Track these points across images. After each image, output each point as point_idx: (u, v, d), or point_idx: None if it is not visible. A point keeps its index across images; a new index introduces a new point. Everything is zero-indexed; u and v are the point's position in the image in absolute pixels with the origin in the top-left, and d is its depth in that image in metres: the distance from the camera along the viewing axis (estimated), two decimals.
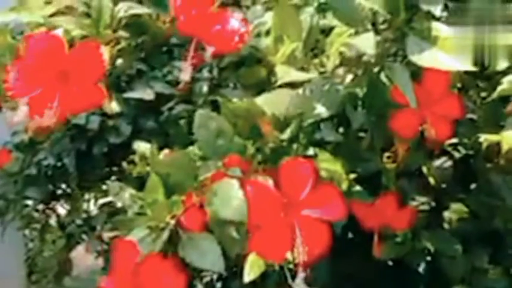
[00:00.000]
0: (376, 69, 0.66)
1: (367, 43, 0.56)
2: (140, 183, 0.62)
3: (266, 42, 0.60)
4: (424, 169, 0.84)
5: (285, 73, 0.54)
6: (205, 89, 0.83)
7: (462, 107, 0.67)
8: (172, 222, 0.52)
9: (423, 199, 0.84)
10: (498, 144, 0.67)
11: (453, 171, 0.83)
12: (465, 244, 0.79)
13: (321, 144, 0.60)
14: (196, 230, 0.54)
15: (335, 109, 0.58)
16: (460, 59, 0.59)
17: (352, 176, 0.60)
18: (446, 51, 0.60)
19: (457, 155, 0.84)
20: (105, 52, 0.55)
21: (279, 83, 0.54)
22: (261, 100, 0.60)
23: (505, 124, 0.65)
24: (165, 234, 0.51)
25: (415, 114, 0.65)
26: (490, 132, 0.68)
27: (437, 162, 0.84)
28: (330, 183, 0.55)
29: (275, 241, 0.52)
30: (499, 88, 0.61)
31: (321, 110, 0.57)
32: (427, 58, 0.61)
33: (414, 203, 0.83)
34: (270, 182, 0.53)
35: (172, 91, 0.86)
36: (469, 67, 0.59)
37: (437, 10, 0.64)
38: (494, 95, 0.61)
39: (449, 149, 0.86)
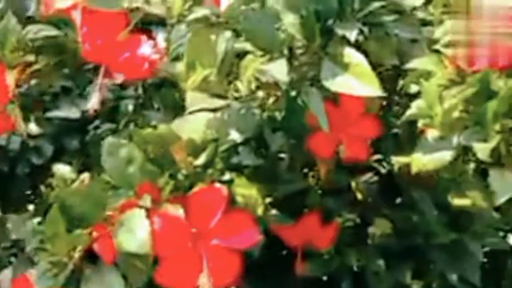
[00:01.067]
0: (293, 93, 0.68)
1: (280, 69, 0.57)
2: None
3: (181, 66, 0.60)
4: (353, 184, 0.86)
5: (194, 100, 0.54)
6: (130, 108, 0.83)
7: (378, 128, 0.68)
8: (76, 256, 0.51)
9: (350, 215, 0.87)
10: None
11: (379, 186, 0.85)
12: (389, 260, 0.81)
13: (238, 169, 0.61)
14: (108, 263, 0.53)
15: (251, 133, 0.58)
16: (370, 85, 0.61)
17: (268, 200, 0.60)
18: (358, 77, 0.62)
19: (382, 170, 0.86)
20: (11, 75, 0.53)
21: (188, 111, 0.54)
22: (177, 124, 0.60)
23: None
24: (68, 269, 0.50)
25: (331, 135, 0.67)
26: (408, 148, 0.70)
27: (364, 178, 0.87)
28: (242, 210, 0.56)
29: (182, 272, 0.52)
30: (408, 112, 0.62)
31: (236, 135, 0.57)
32: (340, 83, 0.62)
33: (341, 220, 0.85)
34: (180, 212, 0.53)
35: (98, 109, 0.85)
36: (379, 93, 0.61)
37: (353, 35, 0.66)
38: (404, 118, 0.63)
39: (375, 164, 0.88)
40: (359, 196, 0.86)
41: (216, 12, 0.63)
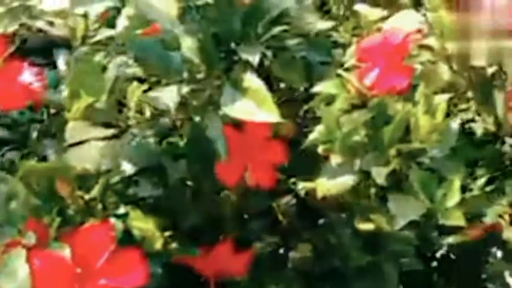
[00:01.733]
0: (197, 118, 0.66)
1: (169, 96, 0.55)
2: None
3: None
4: (275, 206, 0.85)
5: (75, 130, 0.52)
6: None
7: (285, 153, 0.67)
8: None
9: (270, 239, 0.86)
10: None
11: (298, 209, 0.85)
12: (309, 283, 0.81)
13: (135, 201, 0.59)
14: None
15: (146, 162, 0.57)
16: (269, 111, 0.60)
17: (168, 232, 0.58)
18: (257, 103, 0.61)
19: (300, 193, 0.85)
20: None
21: (69, 142, 0.52)
22: (70, 155, 0.58)
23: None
24: None
25: (236, 161, 0.66)
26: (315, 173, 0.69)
27: (283, 200, 0.86)
28: (134, 247, 0.54)
29: None
30: (310, 137, 0.62)
31: (128, 166, 0.55)
32: (239, 109, 0.60)
33: (261, 244, 0.84)
34: (66, 251, 0.50)
35: (6, 134, 0.82)
36: (277, 119, 0.60)
37: (255, 59, 0.65)
38: (307, 142, 0.63)
39: (293, 187, 0.87)
40: (280, 219, 0.86)
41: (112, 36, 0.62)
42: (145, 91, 0.57)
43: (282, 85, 0.73)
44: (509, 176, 0.71)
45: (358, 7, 0.85)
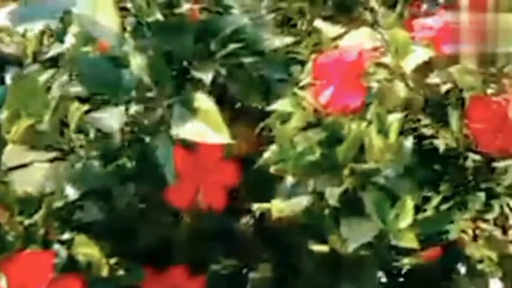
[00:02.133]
0: (147, 139, 0.64)
1: (114, 117, 0.53)
2: None
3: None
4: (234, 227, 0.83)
5: (11, 154, 0.50)
6: None
7: (238, 174, 0.65)
8: None
9: (229, 261, 0.84)
10: None
11: (257, 229, 0.83)
12: None
13: (81, 226, 0.57)
14: None
15: (90, 186, 0.54)
16: (219, 131, 0.59)
17: (115, 258, 0.56)
18: (207, 123, 0.59)
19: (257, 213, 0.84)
20: None
21: (8, 165, 0.50)
22: (11, 178, 0.55)
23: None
24: None
25: (187, 183, 0.64)
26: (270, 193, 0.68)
27: (243, 221, 0.84)
28: (75, 275, 0.51)
29: None
30: (264, 156, 0.61)
31: (71, 190, 0.53)
32: (189, 130, 0.59)
33: (219, 265, 0.82)
34: (1, 280, 0.48)
35: None
36: (228, 140, 0.59)
37: (208, 77, 0.64)
38: (260, 161, 0.61)
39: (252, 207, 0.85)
40: (239, 240, 0.84)
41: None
42: (89, 111, 0.55)
43: (239, 103, 0.73)
44: (471, 191, 0.70)
45: (318, 23, 0.85)
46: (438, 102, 0.62)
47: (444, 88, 0.60)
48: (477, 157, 0.69)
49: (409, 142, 0.56)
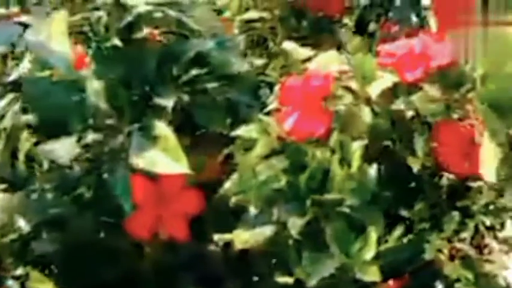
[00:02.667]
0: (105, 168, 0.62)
1: (65, 148, 0.51)
2: None
3: None
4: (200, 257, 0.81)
5: None
6: None
7: (200, 203, 0.64)
8: None
9: None
10: None
11: (225, 259, 0.81)
12: None
13: (36, 260, 0.54)
14: None
15: (44, 218, 0.52)
16: (177, 161, 0.57)
17: None
18: (165, 152, 0.57)
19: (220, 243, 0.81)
20: None
21: None
22: None
23: None
24: None
25: (148, 213, 0.61)
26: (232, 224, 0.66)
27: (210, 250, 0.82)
28: None
29: None
30: (225, 186, 0.59)
31: (22, 223, 0.51)
32: (147, 160, 0.57)
33: None
34: None
35: None
36: (185, 170, 0.57)
37: (170, 103, 0.62)
38: (221, 192, 0.59)
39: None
40: (205, 270, 0.82)
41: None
42: (39, 142, 0.53)
43: (203, 129, 0.71)
44: (446, 210, 0.69)
45: (286, 45, 0.83)
46: (404, 127, 0.61)
47: (409, 114, 0.59)
48: (451, 176, 0.68)
49: (373, 170, 0.54)
